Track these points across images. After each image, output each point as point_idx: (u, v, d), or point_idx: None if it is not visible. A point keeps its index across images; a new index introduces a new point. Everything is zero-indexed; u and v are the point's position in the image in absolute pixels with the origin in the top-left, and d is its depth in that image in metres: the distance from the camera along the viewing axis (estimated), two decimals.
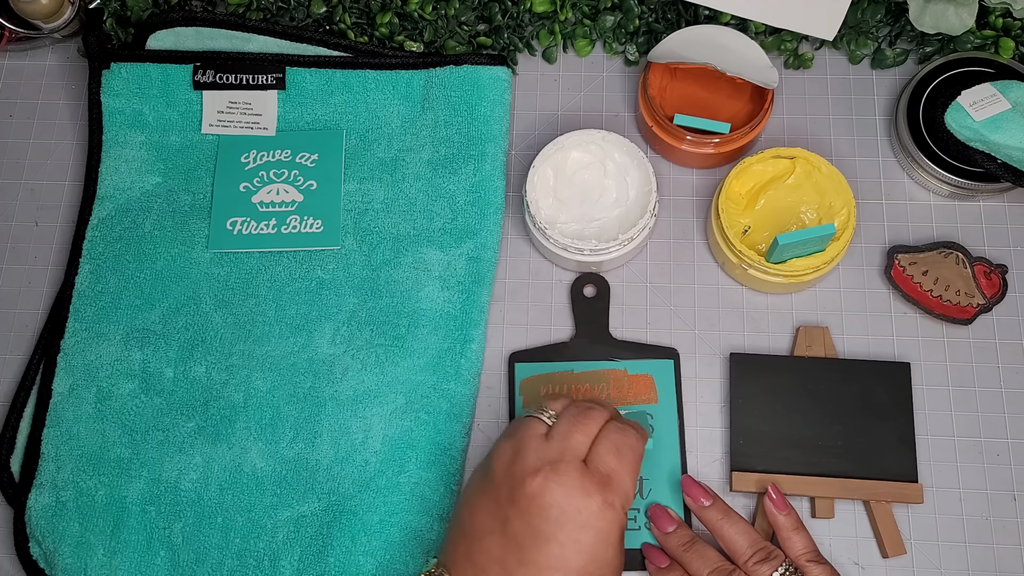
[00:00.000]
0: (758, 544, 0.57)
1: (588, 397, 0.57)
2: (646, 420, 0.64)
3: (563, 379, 0.66)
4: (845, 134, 0.73)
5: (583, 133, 0.68)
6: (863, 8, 0.72)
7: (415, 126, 0.72)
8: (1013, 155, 0.66)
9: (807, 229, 0.63)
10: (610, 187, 0.69)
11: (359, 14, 0.75)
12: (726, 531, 0.58)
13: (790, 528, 0.59)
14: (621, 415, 0.58)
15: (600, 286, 0.69)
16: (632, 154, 0.68)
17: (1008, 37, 0.70)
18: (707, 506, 0.60)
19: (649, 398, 0.65)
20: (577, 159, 0.69)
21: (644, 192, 0.67)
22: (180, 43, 0.75)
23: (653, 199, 0.66)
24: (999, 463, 0.64)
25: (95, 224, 0.71)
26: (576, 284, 0.69)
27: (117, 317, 0.69)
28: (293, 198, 0.71)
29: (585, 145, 0.69)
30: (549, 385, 0.66)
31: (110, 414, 0.66)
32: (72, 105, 0.77)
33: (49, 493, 0.65)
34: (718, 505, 0.60)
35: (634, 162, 0.68)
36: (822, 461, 0.63)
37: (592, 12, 0.75)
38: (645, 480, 0.63)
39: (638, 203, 0.68)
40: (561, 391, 0.65)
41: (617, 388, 0.66)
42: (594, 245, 0.65)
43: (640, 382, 0.66)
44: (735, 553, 0.57)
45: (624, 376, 0.66)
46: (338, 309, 0.68)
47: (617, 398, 0.65)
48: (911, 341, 0.67)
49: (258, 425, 0.66)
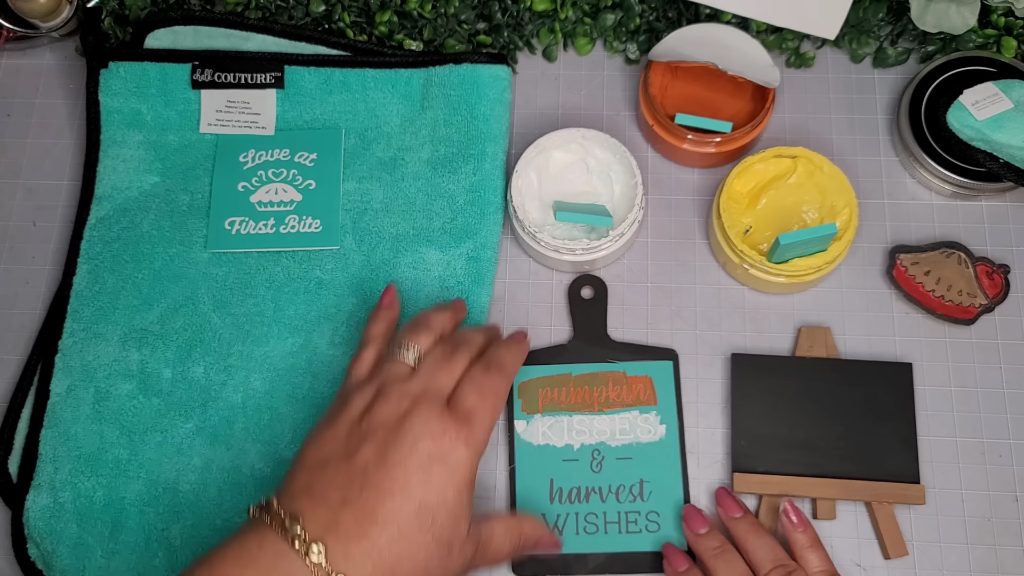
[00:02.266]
0: (781, 559, 0.57)
1: (458, 333, 0.58)
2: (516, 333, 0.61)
3: (561, 381, 0.66)
4: (847, 133, 0.72)
5: (562, 132, 0.68)
6: (865, 7, 0.72)
7: (414, 125, 0.72)
8: (1015, 154, 0.66)
9: (808, 229, 0.62)
10: (595, 184, 0.69)
11: (358, 12, 0.74)
12: (752, 543, 0.58)
13: (806, 546, 0.59)
14: (500, 338, 0.58)
15: (598, 288, 0.68)
16: (613, 149, 0.67)
17: (1010, 36, 0.70)
18: (737, 518, 0.60)
19: (649, 400, 0.65)
20: (559, 159, 0.69)
21: (630, 186, 0.67)
22: (178, 42, 0.74)
23: (639, 192, 0.66)
24: (1001, 464, 0.64)
25: (93, 224, 0.71)
26: (573, 286, 0.69)
27: (115, 317, 0.68)
28: (292, 198, 0.71)
29: (566, 145, 0.68)
30: (547, 388, 0.66)
31: (108, 415, 0.66)
32: (70, 104, 0.77)
33: (47, 494, 0.64)
34: (748, 518, 0.60)
35: (616, 157, 0.68)
36: (824, 462, 0.63)
37: (592, 10, 0.74)
38: (646, 482, 0.63)
39: (625, 197, 0.68)
40: (560, 394, 0.65)
41: (616, 390, 0.65)
42: (585, 244, 0.65)
43: (639, 384, 0.66)
44: (757, 565, 0.58)
45: (623, 378, 0.66)
46: (337, 309, 0.68)
47: (617, 400, 0.65)
48: (913, 341, 0.67)
49: (257, 426, 0.65)
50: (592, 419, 0.65)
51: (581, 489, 0.64)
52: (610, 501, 0.63)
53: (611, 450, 0.64)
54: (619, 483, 0.63)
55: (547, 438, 0.65)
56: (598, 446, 0.64)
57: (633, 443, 0.64)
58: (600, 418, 0.65)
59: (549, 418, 0.65)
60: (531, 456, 0.64)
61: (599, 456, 0.64)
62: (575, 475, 0.64)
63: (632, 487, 0.63)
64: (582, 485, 0.64)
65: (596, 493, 0.63)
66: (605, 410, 0.65)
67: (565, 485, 0.64)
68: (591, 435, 0.65)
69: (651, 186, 0.72)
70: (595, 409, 0.65)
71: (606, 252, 0.66)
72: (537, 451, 0.65)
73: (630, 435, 0.64)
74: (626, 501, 0.63)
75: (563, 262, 0.67)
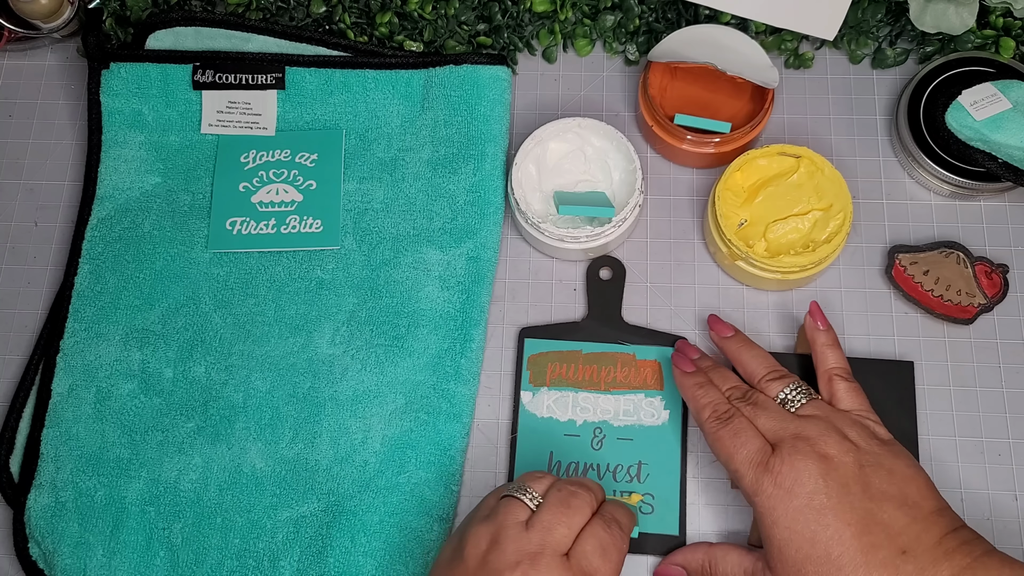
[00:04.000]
0: (773, 366, 0.59)
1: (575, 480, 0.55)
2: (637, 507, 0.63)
3: (571, 358, 0.66)
4: (846, 134, 0.73)
5: (558, 123, 0.68)
6: (863, 8, 0.72)
7: (415, 126, 0.72)
8: (1014, 154, 0.66)
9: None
10: (593, 172, 0.69)
11: (359, 14, 0.74)
12: (744, 356, 0.60)
13: (826, 343, 0.60)
14: (605, 495, 0.55)
15: (616, 269, 0.69)
16: (610, 136, 0.68)
17: (1009, 37, 0.70)
18: (729, 337, 0.62)
19: (655, 384, 0.66)
20: (556, 149, 0.69)
21: (629, 171, 0.68)
22: (179, 43, 0.74)
23: (638, 176, 0.66)
24: (1000, 463, 0.64)
25: (94, 224, 0.71)
26: (592, 266, 0.69)
27: (116, 317, 0.69)
28: (292, 198, 0.71)
29: (562, 134, 0.69)
30: (557, 363, 0.66)
31: (109, 414, 0.66)
32: (71, 105, 0.77)
33: (48, 493, 0.65)
34: (738, 336, 0.62)
35: (613, 144, 0.68)
36: None
37: (592, 11, 0.75)
38: (644, 464, 0.64)
39: (625, 183, 0.69)
40: (568, 370, 0.66)
41: (624, 371, 0.66)
42: (589, 232, 0.66)
43: (647, 367, 0.66)
44: (751, 375, 0.59)
45: (632, 360, 0.66)
46: (338, 309, 0.68)
47: (623, 382, 0.66)
48: (912, 341, 0.67)
49: (257, 425, 0.66)
50: (597, 397, 0.65)
51: (580, 465, 0.64)
52: (607, 479, 0.63)
53: (613, 430, 0.65)
54: (618, 463, 0.64)
55: (551, 411, 0.65)
56: (600, 424, 0.65)
57: (636, 425, 0.65)
58: (605, 397, 0.65)
59: (555, 392, 0.66)
60: (534, 428, 0.65)
61: (600, 434, 0.65)
62: (575, 451, 0.64)
63: (630, 468, 0.64)
64: (581, 461, 0.64)
65: (594, 470, 0.64)
66: (611, 390, 0.65)
67: (564, 459, 0.64)
68: (595, 413, 0.65)
69: (650, 186, 0.72)
70: (601, 388, 0.66)
71: (610, 238, 0.67)
72: (540, 423, 0.65)
73: (633, 417, 0.65)
74: (623, 481, 0.63)
75: (568, 250, 0.67)
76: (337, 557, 0.62)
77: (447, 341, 0.67)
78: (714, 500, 0.64)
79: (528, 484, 0.53)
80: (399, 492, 0.63)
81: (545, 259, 0.70)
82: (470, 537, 0.51)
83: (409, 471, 0.64)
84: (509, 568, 0.49)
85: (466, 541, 0.51)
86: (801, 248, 0.65)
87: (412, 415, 0.65)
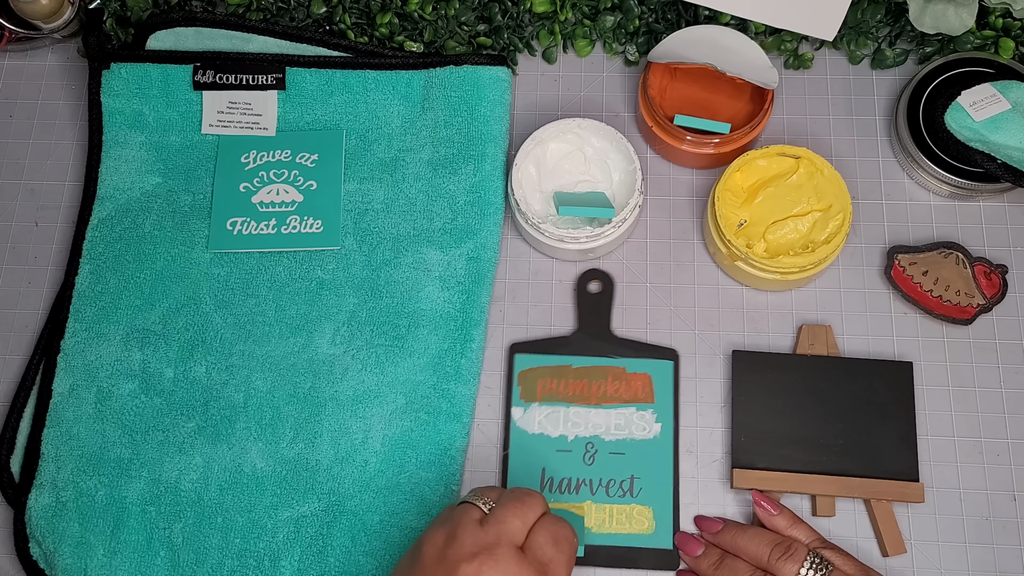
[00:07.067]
0: (775, 541, 0.59)
1: (525, 488, 0.56)
2: (580, 524, 0.63)
3: (561, 372, 0.66)
4: (845, 134, 0.73)
5: (558, 123, 0.68)
6: (863, 8, 0.72)
7: (415, 126, 0.72)
8: (1013, 155, 0.66)
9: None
10: (593, 173, 0.69)
11: (359, 14, 0.75)
12: (742, 544, 0.59)
13: (788, 526, 0.60)
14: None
15: (605, 282, 0.69)
16: (610, 137, 0.68)
17: (1008, 37, 0.70)
18: (719, 531, 0.61)
19: (646, 397, 0.66)
20: (556, 150, 0.70)
21: (629, 172, 0.68)
22: (180, 43, 0.75)
23: (638, 177, 0.66)
24: (999, 463, 0.64)
25: (95, 224, 0.71)
26: (581, 280, 0.69)
27: (117, 317, 0.69)
28: (293, 198, 0.71)
29: (562, 135, 0.69)
30: (547, 378, 0.66)
31: (110, 414, 0.66)
32: (72, 105, 0.77)
33: (49, 493, 0.65)
34: (728, 527, 0.61)
35: (613, 145, 0.68)
36: (823, 459, 0.63)
37: (592, 12, 0.75)
38: (636, 479, 0.64)
39: (624, 184, 0.69)
40: (558, 385, 0.66)
41: (615, 385, 0.66)
42: (589, 232, 0.66)
43: (638, 381, 0.66)
44: (758, 558, 0.59)
45: (623, 373, 0.66)
46: (338, 309, 0.68)
47: (614, 395, 0.66)
48: (911, 341, 0.67)
49: (258, 425, 0.66)
50: (588, 412, 0.65)
51: (572, 480, 0.64)
52: (600, 494, 0.63)
53: (605, 444, 0.65)
54: (610, 477, 0.64)
55: (542, 427, 0.65)
56: (592, 439, 0.65)
57: (627, 439, 0.65)
58: (596, 412, 0.65)
59: (546, 407, 0.66)
60: (525, 444, 0.65)
61: (592, 449, 0.65)
62: (567, 466, 0.64)
63: (623, 482, 0.64)
64: (573, 476, 0.64)
65: (587, 485, 0.64)
66: (602, 404, 0.65)
67: (556, 475, 0.64)
68: (586, 428, 0.65)
69: (650, 187, 0.72)
70: (592, 402, 0.65)
71: (610, 238, 0.67)
72: (531, 439, 0.65)
73: (625, 431, 0.65)
74: (616, 496, 0.63)
75: (568, 251, 0.67)
76: (338, 557, 0.62)
77: (447, 341, 0.67)
78: (710, 506, 0.64)
79: (481, 492, 0.55)
80: (399, 492, 0.64)
81: (545, 260, 0.70)
82: (427, 539, 0.53)
83: (409, 471, 0.64)
84: (467, 560, 0.50)
85: (423, 542, 0.53)
86: (800, 248, 0.65)
87: (412, 415, 0.65)
